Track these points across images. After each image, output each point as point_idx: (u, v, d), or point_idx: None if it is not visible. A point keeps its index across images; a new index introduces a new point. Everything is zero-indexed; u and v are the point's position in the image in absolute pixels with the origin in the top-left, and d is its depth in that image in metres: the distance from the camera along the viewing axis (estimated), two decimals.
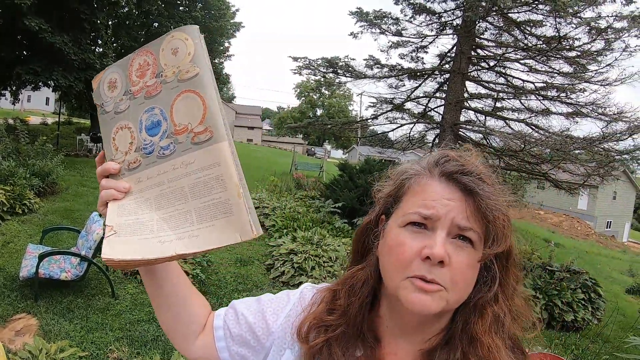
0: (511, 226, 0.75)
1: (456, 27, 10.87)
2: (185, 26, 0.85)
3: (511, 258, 0.78)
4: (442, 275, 0.72)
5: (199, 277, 6.02)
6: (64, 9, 14.86)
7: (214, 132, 0.78)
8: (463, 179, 0.74)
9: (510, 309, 0.77)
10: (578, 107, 9.79)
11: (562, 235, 22.65)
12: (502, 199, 0.74)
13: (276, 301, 0.95)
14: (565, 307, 7.03)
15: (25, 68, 14.29)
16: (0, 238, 6.57)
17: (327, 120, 14.30)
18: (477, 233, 0.73)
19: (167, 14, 23.85)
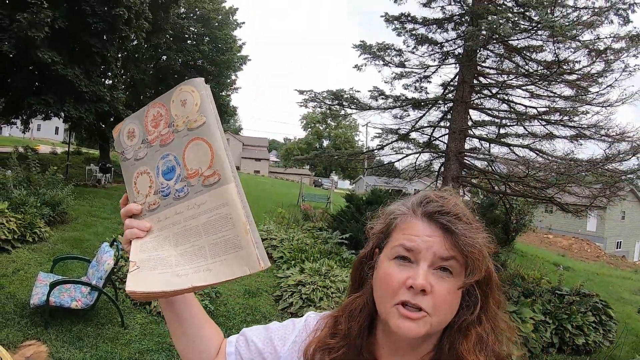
0: (486, 257, 0.85)
1: (458, 56, 11.03)
2: (191, 79, 0.95)
3: (491, 284, 0.87)
4: (425, 302, 0.81)
5: (208, 308, 6.05)
6: (75, 42, 15.27)
7: (222, 175, 0.87)
8: (442, 219, 0.85)
9: (494, 329, 0.87)
10: (581, 130, 9.84)
11: (572, 258, 22.39)
12: (477, 235, 0.84)
13: (283, 328, 1.04)
14: (576, 330, 6.97)
15: (37, 98, 14.60)
16: (11, 265, 6.66)
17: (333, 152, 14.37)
18: (455, 265, 0.83)
19: (176, 48, 24.35)
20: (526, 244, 22.46)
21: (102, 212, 12.01)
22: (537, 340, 6.57)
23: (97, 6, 14.37)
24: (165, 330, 5.35)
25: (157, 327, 5.45)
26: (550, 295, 7.97)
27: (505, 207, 12.84)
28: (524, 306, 7.10)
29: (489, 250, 0.87)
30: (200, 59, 25.68)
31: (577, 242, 28.52)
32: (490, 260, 0.87)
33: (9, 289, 5.80)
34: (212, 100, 0.94)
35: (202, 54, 25.12)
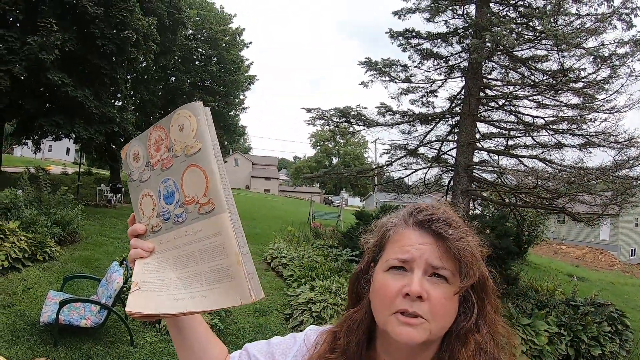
0: (479, 261, 0.86)
1: (463, 69, 11.04)
2: (189, 103, 0.94)
3: (486, 289, 0.88)
4: (423, 308, 0.82)
5: (218, 327, 6.02)
6: (85, 64, 15.54)
7: (216, 204, 0.87)
8: (432, 226, 0.86)
9: (493, 335, 0.87)
10: (589, 138, 9.77)
11: (586, 269, 22.06)
12: (468, 239, 0.85)
13: (284, 343, 1.05)
14: (592, 341, 6.84)
15: (47, 120, 14.83)
16: (22, 284, 6.69)
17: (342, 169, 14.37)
18: (450, 270, 0.84)
19: (184, 69, 24.66)
20: (539, 255, 22.19)
21: (112, 231, 12.07)
22: (553, 353, 6.44)
23: (106, 29, 14.65)
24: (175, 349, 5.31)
25: (167, 345, 5.43)
26: (564, 307, 7.85)
27: (516, 219, 12.73)
28: (538, 318, 6.99)
29: (481, 253, 0.87)
30: (208, 80, 26.00)
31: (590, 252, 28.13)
32: (484, 265, 0.88)
33: (19, 307, 5.82)
34: (211, 124, 0.93)
35: (210, 74, 25.43)
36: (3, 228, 7.57)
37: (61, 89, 13.95)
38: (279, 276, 9.75)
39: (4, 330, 5.14)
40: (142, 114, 24.00)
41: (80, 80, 15.02)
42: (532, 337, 6.53)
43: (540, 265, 17.78)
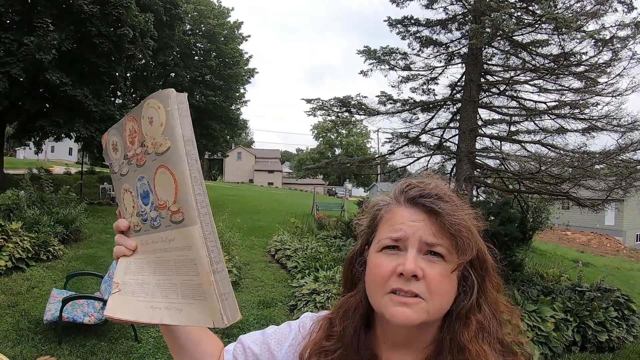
0: (475, 235, 0.82)
1: (463, 55, 10.96)
2: (159, 91, 0.81)
3: (486, 265, 0.85)
4: (419, 287, 0.78)
5: None
6: (83, 63, 15.50)
7: (185, 215, 0.78)
8: (424, 201, 0.82)
9: (495, 314, 0.84)
10: (592, 122, 9.67)
11: (592, 254, 21.98)
12: (462, 213, 0.82)
13: (279, 332, 1.02)
14: (598, 327, 6.80)
15: (48, 120, 14.85)
16: (26, 283, 6.71)
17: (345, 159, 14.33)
18: (445, 247, 0.80)
19: (183, 64, 24.62)
20: (544, 241, 22.12)
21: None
22: (559, 339, 6.40)
23: (103, 27, 14.60)
24: None
25: None
26: (570, 293, 7.80)
27: (520, 205, 12.67)
28: (544, 305, 6.95)
29: (477, 228, 0.84)
30: (208, 74, 25.94)
31: (595, 238, 28.05)
32: (481, 240, 0.84)
33: (23, 306, 5.84)
34: (185, 116, 0.81)
35: (209, 69, 25.37)
36: (6, 229, 7.58)
37: (60, 89, 13.93)
38: (282, 268, 9.76)
39: (9, 329, 5.15)
40: None
41: (79, 79, 14.98)
42: (538, 323, 6.49)
43: (545, 251, 17.73)
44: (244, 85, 29.11)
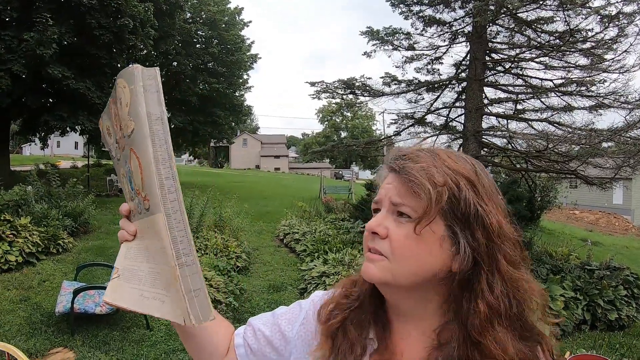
0: (451, 192, 0.75)
1: (468, 34, 10.82)
2: (125, 69, 0.76)
3: (491, 234, 0.76)
4: (383, 245, 0.79)
5: (232, 305, 6.04)
6: (84, 56, 15.46)
7: (150, 202, 0.74)
8: (394, 163, 0.81)
9: (514, 295, 0.76)
10: (599, 99, 9.55)
11: (600, 233, 21.92)
12: (436, 170, 0.76)
13: (290, 312, 1.00)
14: (608, 305, 6.78)
15: (52, 115, 14.90)
16: (37, 277, 6.77)
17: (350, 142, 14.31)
18: (411, 207, 0.76)
19: (185, 53, 24.47)
20: (552, 221, 22.08)
21: None
22: (569, 318, 6.39)
23: (102, 19, 14.51)
24: None
25: None
26: (579, 271, 7.78)
27: (528, 184, 12.60)
28: (553, 283, 6.93)
29: (464, 179, 0.76)
30: (210, 62, 25.80)
31: (604, 217, 27.92)
32: (479, 198, 0.76)
33: (35, 300, 5.90)
34: (154, 92, 0.74)
35: (211, 56, 25.22)
36: (15, 224, 7.64)
37: (62, 83, 13.94)
38: (291, 252, 9.82)
39: (22, 323, 5.21)
40: None
41: (81, 72, 14.96)
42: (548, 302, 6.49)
43: (553, 230, 17.69)
44: (247, 71, 28.91)
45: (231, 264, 7.67)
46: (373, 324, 0.87)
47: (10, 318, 5.34)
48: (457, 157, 0.81)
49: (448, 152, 0.82)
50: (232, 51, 26.31)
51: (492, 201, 0.78)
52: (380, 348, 0.85)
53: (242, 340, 0.99)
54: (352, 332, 0.86)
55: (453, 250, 0.76)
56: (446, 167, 0.77)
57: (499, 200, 0.80)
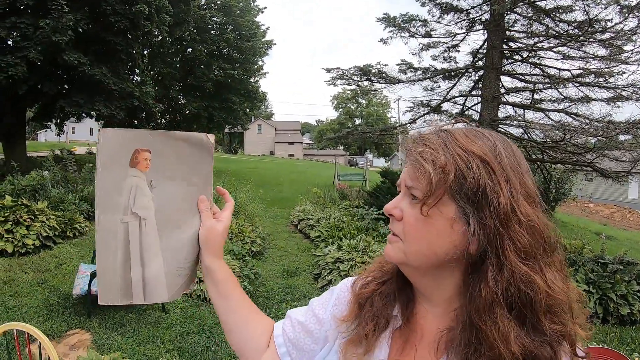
0: (458, 173, 0.73)
1: (485, 22, 10.69)
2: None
3: (498, 215, 0.72)
4: (398, 227, 0.81)
5: (247, 289, 6.09)
6: (100, 42, 15.55)
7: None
8: (406, 147, 0.82)
9: (519, 285, 0.70)
10: (617, 91, 9.40)
11: (614, 227, 21.64)
12: (439, 152, 0.75)
13: (322, 298, 1.03)
14: (621, 300, 6.73)
15: (68, 101, 15.02)
16: (54, 260, 6.89)
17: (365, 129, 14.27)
18: (420, 190, 0.76)
19: (200, 39, 24.48)
20: (566, 213, 21.88)
21: None
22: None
23: (117, 5, 14.56)
24: (206, 313, 5.45)
25: (198, 310, 5.55)
26: (593, 264, 7.72)
27: (543, 175, 12.49)
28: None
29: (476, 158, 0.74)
30: (225, 48, 25.76)
31: (618, 211, 27.55)
32: (488, 177, 0.73)
33: (52, 283, 6.00)
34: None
35: (226, 42, 25.17)
36: (32, 208, 7.76)
37: (78, 69, 14.04)
38: (306, 237, 9.88)
39: (39, 305, 5.31)
40: (161, 87, 24.03)
41: (96, 59, 15.07)
42: None
43: (567, 223, 17.53)
44: (262, 57, 28.83)
45: (246, 249, 7.75)
46: (399, 300, 0.89)
47: (28, 300, 5.45)
48: (476, 135, 0.79)
49: (467, 130, 0.81)
50: (247, 37, 26.25)
51: (510, 182, 0.73)
52: (402, 326, 0.87)
53: (280, 331, 1.02)
54: (378, 304, 0.88)
55: (464, 232, 0.74)
56: (458, 146, 0.75)
57: (524, 181, 0.76)
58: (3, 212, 7.33)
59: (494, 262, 0.72)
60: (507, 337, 0.69)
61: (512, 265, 0.71)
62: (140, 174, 0.94)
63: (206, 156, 1.00)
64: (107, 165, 0.91)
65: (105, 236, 0.91)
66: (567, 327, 0.73)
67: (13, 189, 9.42)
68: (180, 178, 0.98)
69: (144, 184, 0.94)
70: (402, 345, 0.86)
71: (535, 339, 0.70)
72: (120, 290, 0.93)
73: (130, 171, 0.93)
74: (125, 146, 0.92)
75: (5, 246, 6.89)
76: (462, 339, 0.75)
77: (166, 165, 0.96)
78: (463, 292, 0.78)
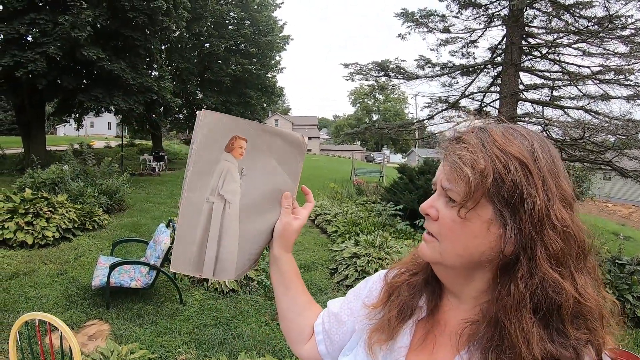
0: (496, 176, 0.72)
1: (504, 17, 10.57)
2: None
3: (532, 219, 0.71)
4: (434, 227, 0.81)
5: (264, 283, 6.13)
6: (118, 37, 15.72)
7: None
8: (443, 146, 0.81)
9: (547, 290, 0.71)
10: (638, 89, 9.24)
11: (633, 228, 21.29)
12: (477, 154, 0.74)
13: (357, 288, 1.07)
14: (637, 301, 6.64)
15: (86, 95, 15.21)
16: (73, 252, 7.01)
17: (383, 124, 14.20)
18: (457, 192, 0.76)
19: (217, 34, 24.60)
20: (584, 213, 21.58)
21: (157, 198, 12.45)
22: None
23: (136, 1, 14.70)
24: (222, 305, 5.51)
25: (215, 302, 5.61)
26: (610, 265, 7.62)
27: None
28: None
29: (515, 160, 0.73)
30: (243, 43, 25.89)
31: (637, 211, 27.05)
32: (524, 180, 0.72)
33: (71, 274, 6.11)
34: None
35: (244, 37, 25.29)
36: (52, 201, 7.89)
37: (97, 64, 14.23)
38: (323, 232, 9.89)
39: (59, 296, 5.41)
40: (179, 81, 24.23)
41: (115, 54, 15.26)
42: None
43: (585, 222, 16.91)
44: (279, 52, 28.92)
45: None
46: (425, 292, 0.91)
47: (48, 291, 5.55)
48: (514, 134, 0.77)
49: (504, 129, 0.78)
50: (265, 32, 26.34)
51: (546, 185, 0.73)
52: (426, 317, 0.89)
53: (320, 320, 1.09)
54: (405, 293, 0.91)
55: (501, 234, 0.73)
56: (496, 147, 0.74)
57: (560, 183, 0.75)
58: (23, 204, 7.47)
59: (525, 265, 0.72)
60: (529, 338, 0.70)
61: (542, 271, 0.71)
62: (233, 159, 0.98)
63: (297, 154, 1.05)
64: (204, 146, 0.94)
65: (190, 211, 0.96)
66: (594, 335, 0.72)
67: (33, 182, 9.60)
68: (270, 171, 1.02)
69: (235, 170, 0.98)
70: (425, 335, 0.88)
71: (558, 343, 0.70)
72: (192, 262, 0.98)
73: (224, 155, 0.97)
74: (224, 131, 0.95)
75: (25, 238, 7.02)
76: (486, 334, 0.75)
77: (259, 157, 1.00)
78: (492, 289, 0.78)
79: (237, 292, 5.92)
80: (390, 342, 0.89)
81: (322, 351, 1.06)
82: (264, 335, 4.83)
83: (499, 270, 0.76)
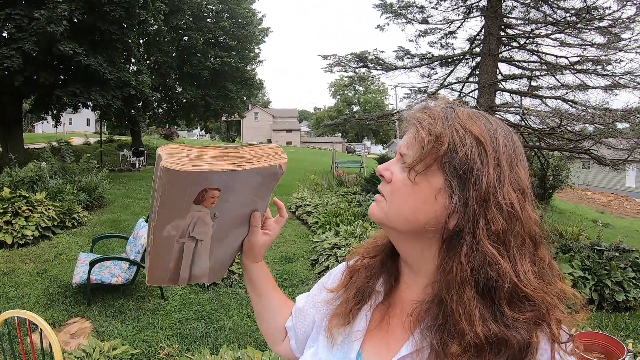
0: (444, 140, 0.73)
1: (482, 8, 10.62)
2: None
3: (475, 191, 0.72)
4: (385, 188, 0.83)
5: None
6: (95, 32, 15.44)
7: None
8: (409, 114, 0.83)
9: (486, 269, 0.70)
10: (615, 79, 9.38)
11: (611, 215, 21.70)
12: (436, 124, 0.76)
13: (321, 280, 1.10)
14: (616, 286, 6.79)
15: (64, 91, 14.95)
16: (53, 250, 6.92)
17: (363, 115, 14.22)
18: (411, 156, 0.77)
19: (196, 27, 24.32)
20: (564, 201, 21.95)
21: (137, 193, 12.33)
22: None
23: None
24: (204, 299, 5.50)
25: (196, 297, 5.59)
26: (589, 251, 7.76)
27: (540, 162, 12.51)
28: (562, 262, 6.94)
29: (472, 137, 0.74)
30: (221, 36, 25.62)
31: (616, 199, 27.58)
32: (477, 157, 0.73)
33: (52, 273, 6.04)
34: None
35: (223, 30, 25.03)
36: (31, 200, 7.78)
37: (74, 59, 13.97)
38: (303, 224, 9.91)
39: (40, 295, 5.34)
40: (157, 76, 23.90)
41: (92, 48, 14.99)
42: None
43: (564, 210, 17.60)
44: (259, 45, 28.67)
45: None
46: (382, 273, 0.91)
47: (28, 290, 5.48)
48: (479, 117, 0.78)
49: (471, 111, 0.80)
50: (243, 25, 26.10)
51: (500, 166, 0.73)
52: (383, 300, 0.90)
53: (290, 318, 1.12)
54: (362, 276, 0.92)
55: (447, 205, 0.74)
56: (458, 123, 0.76)
57: (516, 169, 0.75)
58: (2, 204, 7.35)
59: (468, 240, 0.72)
60: (472, 317, 0.69)
61: (482, 247, 0.70)
62: (204, 209, 0.88)
63: (272, 182, 0.96)
64: (165, 206, 0.83)
65: (160, 248, 0.91)
66: (543, 320, 0.71)
67: (11, 180, 9.43)
68: (244, 203, 0.96)
69: (207, 216, 0.89)
70: (381, 317, 0.89)
71: (503, 324, 0.69)
72: (167, 279, 0.99)
73: (193, 207, 0.86)
74: (191, 189, 0.82)
75: (4, 238, 6.92)
76: (431, 313, 0.76)
77: (234, 196, 0.90)
78: (439, 267, 0.77)
79: (218, 285, 5.91)
80: (349, 326, 0.89)
81: (292, 347, 1.09)
82: (246, 328, 4.83)
83: (444, 245, 0.75)
